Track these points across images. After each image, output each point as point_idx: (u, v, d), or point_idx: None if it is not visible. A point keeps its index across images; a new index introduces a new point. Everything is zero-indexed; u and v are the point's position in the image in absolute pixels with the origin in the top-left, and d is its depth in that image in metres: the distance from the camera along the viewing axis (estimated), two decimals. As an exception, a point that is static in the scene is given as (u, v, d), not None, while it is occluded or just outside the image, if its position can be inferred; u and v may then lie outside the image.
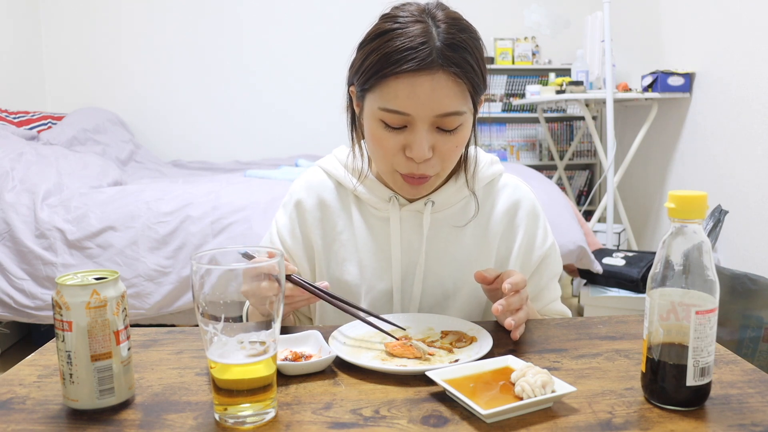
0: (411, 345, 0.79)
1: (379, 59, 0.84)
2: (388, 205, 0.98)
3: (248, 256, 0.71)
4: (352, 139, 1.00)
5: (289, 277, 0.83)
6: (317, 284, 0.85)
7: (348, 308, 0.86)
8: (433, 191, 0.99)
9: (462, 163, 0.98)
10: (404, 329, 0.85)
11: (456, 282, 0.99)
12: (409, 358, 0.77)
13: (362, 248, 1.00)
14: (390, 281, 0.99)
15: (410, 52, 0.82)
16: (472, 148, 0.98)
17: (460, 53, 0.83)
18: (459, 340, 0.82)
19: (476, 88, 0.87)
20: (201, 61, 4.05)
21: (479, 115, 0.94)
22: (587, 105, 3.35)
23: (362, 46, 0.88)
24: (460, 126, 0.88)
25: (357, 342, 0.83)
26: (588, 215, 3.62)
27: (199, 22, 4.03)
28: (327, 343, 0.79)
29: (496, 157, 1.05)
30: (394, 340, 0.81)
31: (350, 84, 0.93)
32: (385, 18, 0.87)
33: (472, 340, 0.82)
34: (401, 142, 0.87)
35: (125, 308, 0.67)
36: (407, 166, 0.89)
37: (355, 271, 1.00)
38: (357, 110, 0.94)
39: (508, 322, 0.80)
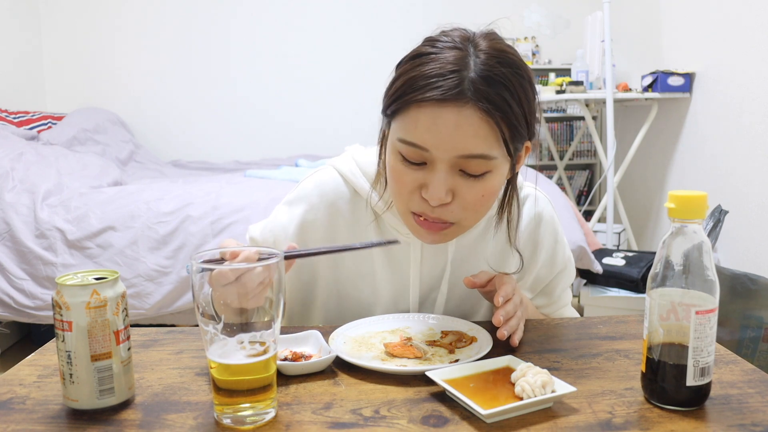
0: (411, 345, 0.80)
1: (405, 83, 0.76)
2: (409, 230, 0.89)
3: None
4: (378, 170, 0.91)
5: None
6: (284, 250, 0.73)
7: (333, 249, 0.77)
8: None
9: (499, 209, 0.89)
10: (397, 242, 0.81)
11: (474, 305, 0.97)
12: (409, 358, 0.77)
13: (378, 266, 0.95)
14: (407, 303, 0.96)
15: (437, 79, 0.73)
16: (521, 196, 0.90)
17: (495, 88, 0.73)
18: (459, 340, 0.82)
19: (514, 133, 0.76)
20: (201, 62, 4.05)
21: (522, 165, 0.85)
22: (587, 105, 3.35)
23: (397, 67, 0.81)
24: (488, 173, 0.77)
25: (357, 342, 0.83)
26: (588, 215, 3.62)
27: (198, 22, 4.03)
28: (327, 343, 0.79)
29: None
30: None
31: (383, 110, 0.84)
32: (427, 41, 0.79)
33: (472, 340, 0.82)
34: (419, 180, 0.78)
35: (125, 308, 0.67)
36: (421, 206, 0.80)
37: (368, 290, 0.96)
38: (385, 138, 0.85)
39: (501, 333, 0.79)
